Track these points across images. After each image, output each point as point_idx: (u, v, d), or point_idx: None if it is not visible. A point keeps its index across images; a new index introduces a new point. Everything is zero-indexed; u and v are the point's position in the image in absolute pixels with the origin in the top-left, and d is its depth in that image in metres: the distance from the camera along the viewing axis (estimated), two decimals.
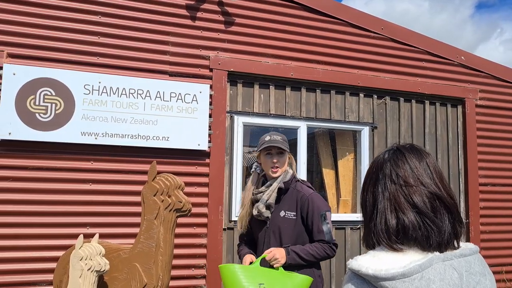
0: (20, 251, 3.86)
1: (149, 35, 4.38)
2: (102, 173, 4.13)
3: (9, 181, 3.89)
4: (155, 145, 4.23)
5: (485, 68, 5.77)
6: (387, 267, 1.05)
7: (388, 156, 1.21)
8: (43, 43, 4.07)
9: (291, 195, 2.73)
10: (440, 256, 1.07)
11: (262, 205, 2.70)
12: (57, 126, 3.97)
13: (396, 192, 1.14)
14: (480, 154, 5.60)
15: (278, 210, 2.73)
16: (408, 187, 1.13)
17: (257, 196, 2.76)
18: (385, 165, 1.19)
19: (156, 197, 3.09)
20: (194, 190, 4.32)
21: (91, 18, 4.22)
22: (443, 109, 5.59)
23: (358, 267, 1.08)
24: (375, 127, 5.25)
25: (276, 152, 2.76)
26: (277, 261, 2.52)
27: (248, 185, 2.89)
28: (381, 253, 1.10)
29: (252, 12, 4.78)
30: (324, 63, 5.00)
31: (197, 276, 4.34)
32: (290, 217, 2.70)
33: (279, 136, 2.79)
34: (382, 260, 1.07)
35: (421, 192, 1.12)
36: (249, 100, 4.75)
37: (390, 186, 1.15)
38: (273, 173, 2.75)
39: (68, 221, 4.00)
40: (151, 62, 4.36)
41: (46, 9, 4.10)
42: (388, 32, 5.32)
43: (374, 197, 1.17)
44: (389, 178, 1.16)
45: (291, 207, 2.71)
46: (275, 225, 2.72)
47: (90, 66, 4.17)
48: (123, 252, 3.20)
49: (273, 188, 2.73)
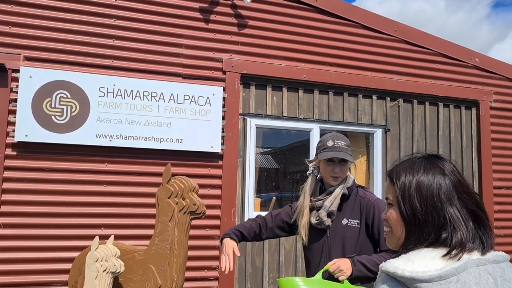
0: (36, 251, 3.91)
1: (163, 38, 4.42)
2: (116, 175, 4.17)
3: (26, 183, 3.94)
4: (168, 147, 4.26)
5: (499, 70, 5.71)
6: (423, 269, 1.06)
7: (450, 165, 1.24)
8: (59, 46, 4.12)
9: (354, 202, 2.51)
10: (474, 261, 1.09)
11: (325, 213, 2.48)
12: (72, 128, 4.02)
13: (466, 200, 1.18)
14: (495, 156, 5.54)
15: (339, 218, 2.50)
16: (471, 194, 1.19)
17: (316, 203, 2.53)
18: (452, 175, 1.22)
19: (171, 199, 3.11)
20: (207, 192, 4.34)
21: (106, 21, 4.26)
22: (457, 111, 5.55)
23: (394, 269, 1.09)
24: (388, 129, 5.23)
25: (339, 161, 2.50)
26: (343, 273, 2.26)
27: (305, 189, 2.64)
28: (416, 256, 1.12)
29: (265, 15, 4.79)
30: (336, 65, 4.99)
31: (209, 278, 4.35)
32: (354, 225, 2.47)
33: (343, 141, 2.51)
34: (416, 263, 1.08)
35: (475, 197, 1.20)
36: (262, 102, 4.76)
37: (462, 196, 1.19)
38: (333, 181, 2.53)
39: (82, 222, 4.04)
40: (165, 65, 4.40)
41: (62, 13, 4.15)
42: (402, 34, 5.30)
43: (441, 204, 1.19)
44: (461, 189, 1.20)
45: (354, 214, 2.49)
46: (337, 234, 2.49)
47: (105, 69, 4.21)
48: (138, 254, 3.22)
49: (336, 194, 2.50)
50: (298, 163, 7.13)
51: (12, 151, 3.93)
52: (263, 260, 4.60)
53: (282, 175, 7.65)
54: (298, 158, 7.01)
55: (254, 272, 4.57)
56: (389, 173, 1.30)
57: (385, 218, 1.28)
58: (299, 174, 7.53)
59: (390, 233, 1.26)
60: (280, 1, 4.85)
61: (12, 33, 4.01)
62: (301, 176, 7.43)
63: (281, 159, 6.93)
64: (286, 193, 7.03)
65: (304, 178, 2.74)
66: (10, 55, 3.97)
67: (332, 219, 2.50)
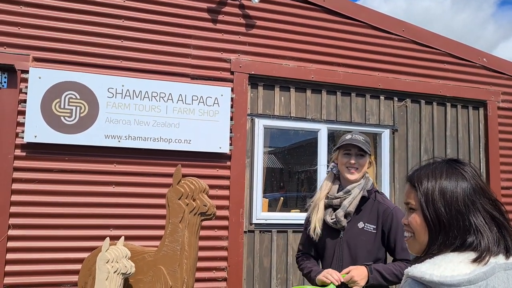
0: (45, 252, 3.92)
1: (171, 39, 4.42)
2: (125, 175, 4.17)
3: (35, 183, 3.95)
4: (177, 148, 4.26)
5: (507, 70, 5.68)
6: (451, 274, 1.06)
7: (471, 170, 1.24)
8: (68, 47, 4.12)
9: (372, 206, 2.44)
10: (501, 265, 1.09)
11: (342, 213, 2.39)
12: (81, 129, 4.03)
13: (487, 205, 1.18)
14: (502, 157, 5.52)
15: (355, 220, 2.42)
16: (492, 198, 1.19)
17: (333, 201, 2.45)
18: (474, 180, 1.21)
19: (181, 200, 3.11)
20: (216, 192, 4.34)
21: (114, 22, 4.26)
22: (465, 111, 5.53)
23: (421, 274, 1.09)
24: (396, 129, 5.21)
25: (355, 153, 2.45)
26: (356, 284, 2.23)
27: (322, 185, 2.57)
28: (442, 261, 1.12)
29: (273, 15, 4.78)
30: (344, 65, 4.98)
31: (218, 279, 4.36)
32: (370, 230, 2.39)
33: (361, 136, 2.51)
34: (443, 268, 1.09)
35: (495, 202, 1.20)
36: (270, 103, 4.75)
37: (483, 200, 1.19)
38: (349, 175, 2.45)
39: (91, 223, 4.05)
40: (173, 65, 4.40)
41: (71, 14, 4.15)
42: (409, 34, 5.28)
43: (466, 209, 1.18)
44: (481, 192, 1.20)
45: (371, 219, 2.41)
46: (351, 237, 2.41)
47: (113, 69, 4.22)
48: (148, 255, 3.22)
49: (355, 195, 2.43)
50: (304, 162, 7.13)
51: (21, 152, 3.94)
52: (271, 261, 4.60)
53: (287, 174, 7.65)
54: (303, 158, 7.00)
55: (262, 273, 4.57)
56: (409, 178, 1.30)
57: (407, 223, 1.28)
58: (304, 174, 7.53)
59: (413, 239, 1.25)
60: (288, 1, 4.84)
61: (21, 34, 4.02)
62: (306, 175, 7.43)
63: (286, 159, 6.92)
64: (291, 193, 7.03)
65: (309, 177, 2.69)
66: (19, 56, 3.97)
67: (348, 220, 2.43)
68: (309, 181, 6.54)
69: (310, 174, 6.82)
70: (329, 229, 2.45)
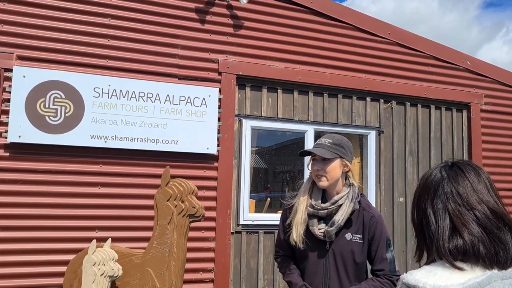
0: (30, 254, 3.85)
1: (159, 38, 4.38)
2: (112, 176, 4.12)
3: (19, 184, 3.87)
4: (164, 148, 4.23)
5: (490, 73, 5.79)
6: (445, 283, 1.05)
7: (446, 173, 1.21)
8: (53, 45, 4.05)
9: (358, 215, 2.34)
10: (498, 274, 1.07)
11: (335, 230, 2.27)
12: (66, 129, 3.96)
13: (459, 209, 1.14)
14: (485, 158, 5.62)
15: (343, 231, 2.32)
16: (470, 204, 1.14)
17: (320, 212, 2.31)
18: (444, 182, 1.19)
19: (170, 202, 3.08)
20: (203, 193, 4.32)
21: (100, 20, 4.21)
22: (449, 113, 5.61)
23: (415, 282, 1.09)
24: (382, 131, 5.26)
25: (321, 159, 2.32)
26: None
27: (302, 189, 2.43)
28: (437, 268, 1.11)
29: (261, 16, 4.78)
30: (331, 67, 5.00)
31: (205, 280, 4.34)
32: (357, 241, 2.30)
33: (329, 139, 2.35)
34: (438, 276, 1.08)
35: (483, 209, 1.14)
36: (257, 104, 4.75)
37: (453, 204, 1.16)
38: (319, 182, 2.32)
39: (77, 224, 3.99)
40: (161, 65, 4.36)
41: (56, 11, 4.08)
42: (395, 36, 5.34)
43: (434, 214, 1.17)
44: (451, 195, 1.17)
45: (358, 229, 2.32)
46: (339, 249, 2.31)
47: (99, 69, 4.16)
48: (136, 257, 3.19)
49: (345, 209, 2.30)
50: (289, 163, 7.14)
51: (4, 152, 3.85)
52: (258, 262, 4.60)
53: (272, 175, 7.65)
54: (288, 158, 7.01)
55: (249, 274, 4.57)
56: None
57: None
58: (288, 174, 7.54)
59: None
60: (276, 2, 4.85)
61: (5, 32, 3.94)
62: (290, 175, 7.44)
63: (270, 159, 6.93)
64: (275, 193, 7.04)
65: (294, 178, 2.63)
66: (2, 54, 3.89)
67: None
68: (294, 182, 6.57)
69: (294, 175, 6.84)
70: (314, 239, 2.33)
